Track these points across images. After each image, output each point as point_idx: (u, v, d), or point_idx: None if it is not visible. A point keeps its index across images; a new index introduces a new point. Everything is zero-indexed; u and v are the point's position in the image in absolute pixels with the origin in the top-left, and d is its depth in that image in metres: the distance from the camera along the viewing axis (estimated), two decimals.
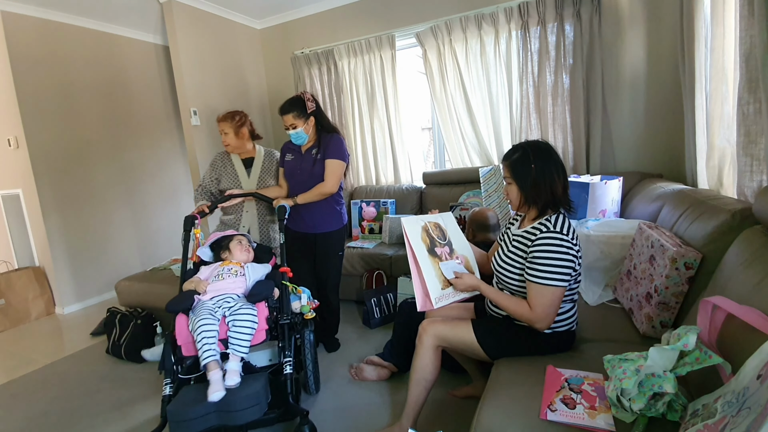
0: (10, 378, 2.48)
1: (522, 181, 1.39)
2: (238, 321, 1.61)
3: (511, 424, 1.08)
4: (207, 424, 1.42)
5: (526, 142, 1.45)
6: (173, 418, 1.41)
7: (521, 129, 3.07)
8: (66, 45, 3.46)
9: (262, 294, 1.73)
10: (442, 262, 1.48)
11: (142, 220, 4.08)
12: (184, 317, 1.67)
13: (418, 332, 1.53)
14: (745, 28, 1.42)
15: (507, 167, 1.44)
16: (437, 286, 1.43)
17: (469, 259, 1.59)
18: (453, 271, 1.48)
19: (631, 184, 2.56)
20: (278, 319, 1.73)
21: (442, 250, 1.52)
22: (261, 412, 1.46)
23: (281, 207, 2.09)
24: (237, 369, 1.53)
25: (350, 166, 3.77)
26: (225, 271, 1.82)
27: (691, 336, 0.98)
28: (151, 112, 4.15)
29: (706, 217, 1.52)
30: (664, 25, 2.61)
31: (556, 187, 1.37)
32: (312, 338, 1.98)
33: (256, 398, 1.45)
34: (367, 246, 3.09)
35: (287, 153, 2.34)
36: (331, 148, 2.21)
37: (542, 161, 1.38)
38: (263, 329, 1.67)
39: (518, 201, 1.43)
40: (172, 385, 1.63)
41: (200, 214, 2.13)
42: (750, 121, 1.46)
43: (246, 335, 1.60)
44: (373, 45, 3.49)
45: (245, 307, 1.66)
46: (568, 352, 1.45)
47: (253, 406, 1.43)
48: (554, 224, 1.34)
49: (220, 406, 1.43)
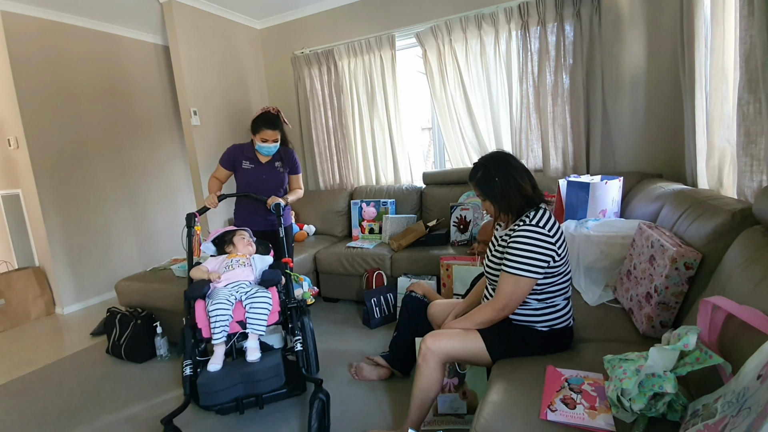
0: (10, 378, 2.48)
1: (491, 196, 1.46)
2: (256, 303, 1.76)
3: (511, 424, 1.08)
4: (234, 393, 1.60)
5: (483, 157, 1.51)
6: (203, 389, 1.57)
7: (521, 129, 3.07)
8: (66, 45, 3.46)
9: (274, 279, 1.90)
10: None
11: (142, 220, 4.08)
12: (202, 302, 1.80)
13: (420, 349, 1.46)
14: (745, 28, 1.42)
15: (475, 187, 1.51)
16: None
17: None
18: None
19: (631, 184, 2.56)
20: (286, 304, 1.91)
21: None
22: (281, 381, 1.66)
23: (277, 204, 2.23)
24: (256, 346, 1.71)
25: (350, 166, 3.82)
26: (234, 262, 1.95)
27: (692, 336, 0.98)
28: (151, 112, 4.15)
29: (706, 217, 1.52)
30: (664, 25, 2.61)
31: (525, 190, 1.43)
32: (311, 324, 2.17)
33: (276, 369, 1.65)
34: (367, 246, 3.09)
35: (243, 160, 2.45)
36: (297, 164, 2.55)
37: (503, 172, 1.44)
38: (276, 311, 1.83)
39: (495, 213, 1.50)
40: (192, 366, 1.74)
41: (203, 209, 2.27)
42: (750, 121, 1.46)
43: (263, 316, 1.75)
44: (373, 45, 3.49)
45: (261, 290, 1.81)
46: (568, 352, 1.45)
47: (274, 377, 1.63)
48: (531, 219, 1.40)
49: (246, 377, 1.61)
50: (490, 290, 1.55)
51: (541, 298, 1.42)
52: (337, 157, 3.86)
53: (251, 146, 2.46)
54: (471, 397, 1.69)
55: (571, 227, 2.10)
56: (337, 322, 2.87)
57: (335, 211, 3.66)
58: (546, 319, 1.43)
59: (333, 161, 3.89)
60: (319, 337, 2.54)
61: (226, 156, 2.48)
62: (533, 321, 1.43)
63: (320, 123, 3.87)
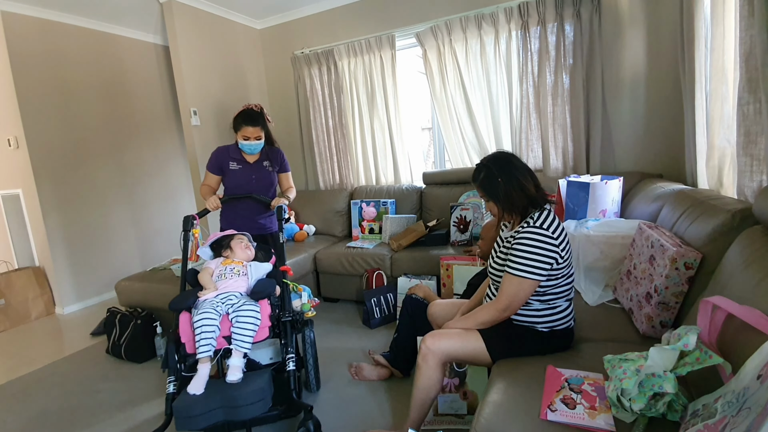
0: (10, 378, 2.48)
1: (494, 196, 1.46)
2: (241, 317, 1.62)
3: (511, 424, 1.08)
4: (213, 419, 1.44)
5: (486, 158, 1.50)
6: (179, 414, 1.43)
7: (521, 129, 3.07)
8: (66, 45, 3.46)
9: (265, 291, 1.75)
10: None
11: (142, 220, 4.08)
12: (187, 315, 1.68)
13: (420, 349, 1.46)
14: (745, 28, 1.42)
15: (478, 188, 1.51)
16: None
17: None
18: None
19: (631, 184, 2.56)
20: (280, 317, 1.76)
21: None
22: (266, 407, 1.49)
23: (280, 207, 2.15)
24: (239, 365, 1.56)
25: (350, 166, 3.82)
26: (228, 270, 1.83)
27: (692, 336, 0.98)
28: (151, 112, 4.15)
29: (706, 217, 1.51)
30: (664, 25, 2.61)
31: (528, 190, 1.42)
32: (313, 336, 2.01)
33: (261, 393, 1.47)
34: (367, 246, 3.09)
35: (230, 162, 2.38)
36: (285, 162, 2.50)
37: (506, 172, 1.43)
38: (266, 326, 1.69)
39: (499, 214, 1.49)
40: (176, 383, 1.64)
41: (204, 212, 2.23)
42: (750, 121, 1.46)
43: (249, 331, 1.61)
44: (373, 45, 3.49)
45: (248, 303, 1.67)
46: (568, 351, 1.45)
47: (258, 401, 1.46)
48: (536, 220, 1.39)
49: (226, 401, 1.45)
50: (492, 290, 1.55)
51: (543, 299, 1.42)
52: (337, 157, 3.86)
53: (236, 147, 2.38)
54: (471, 397, 1.69)
55: (571, 227, 2.10)
56: (337, 322, 2.87)
57: (335, 211, 3.66)
58: (547, 320, 1.43)
59: (333, 161, 3.89)
60: (319, 337, 2.54)
61: (213, 159, 2.39)
62: (534, 322, 1.43)
63: (320, 123, 3.87)
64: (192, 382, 1.51)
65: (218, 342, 1.62)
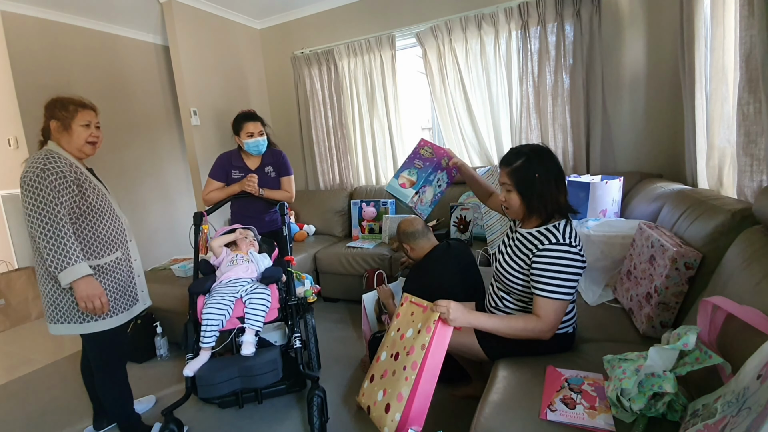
0: (10, 378, 2.48)
1: (526, 190, 1.32)
2: (254, 299, 1.78)
3: (511, 424, 1.08)
4: (232, 387, 1.63)
5: (527, 146, 1.36)
6: (202, 382, 1.61)
7: (521, 129, 3.07)
8: (66, 45, 3.45)
9: (274, 276, 1.93)
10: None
11: (141, 220, 4.07)
12: (203, 298, 1.84)
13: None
14: (745, 28, 1.42)
15: (508, 175, 1.34)
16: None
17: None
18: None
19: (631, 184, 2.56)
20: (287, 301, 1.94)
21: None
22: (278, 376, 1.67)
23: (282, 204, 2.26)
24: (252, 341, 1.72)
25: (350, 166, 3.82)
26: (239, 257, 1.99)
27: (691, 336, 0.98)
28: (151, 112, 4.14)
29: (706, 217, 1.52)
30: (664, 25, 2.61)
31: (560, 196, 1.33)
32: (314, 322, 2.24)
33: (273, 364, 1.67)
34: (367, 246, 3.09)
35: (233, 170, 2.37)
36: (288, 166, 2.48)
37: (545, 169, 1.31)
38: (276, 308, 1.85)
39: (521, 211, 1.36)
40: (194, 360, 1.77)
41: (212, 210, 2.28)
42: (750, 121, 1.46)
43: (261, 311, 1.77)
44: (373, 45, 3.49)
45: (260, 287, 1.84)
46: (568, 352, 1.44)
47: (271, 371, 1.66)
48: (563, 233, 1.29)
49: (243, 371, 1.63)
50: (494, 289, 1.53)
51: None
52: (337, 157, 3.86)
53: (238, 153, 2.38)
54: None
55: None
56: (337, 322, 2.87)
57: (335, 211, 3.66)
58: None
59: (333, 161, 3.89)
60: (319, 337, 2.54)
61: (217, 166, 2.38)
62: None
63: (320, 123, 3.87)
64: (190, 363, 1.68)
65: (231, 322, 1.78)
